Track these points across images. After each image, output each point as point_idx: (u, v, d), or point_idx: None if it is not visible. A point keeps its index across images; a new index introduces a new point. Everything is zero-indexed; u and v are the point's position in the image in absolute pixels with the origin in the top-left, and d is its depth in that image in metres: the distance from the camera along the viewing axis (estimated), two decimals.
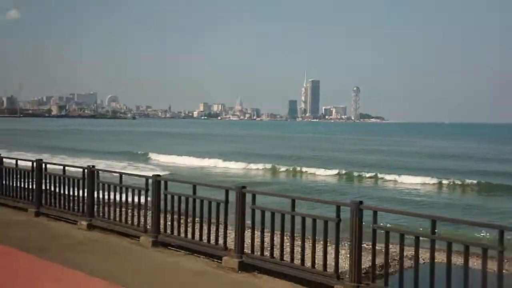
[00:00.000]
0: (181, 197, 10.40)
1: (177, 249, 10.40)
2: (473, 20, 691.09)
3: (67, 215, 12.96)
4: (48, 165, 13.79)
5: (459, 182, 34.54)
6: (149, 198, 11.06)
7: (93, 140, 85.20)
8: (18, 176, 14.33)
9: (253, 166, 45.87)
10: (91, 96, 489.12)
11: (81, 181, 12.50)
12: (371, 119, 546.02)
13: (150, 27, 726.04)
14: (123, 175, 11.99)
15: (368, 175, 39.12)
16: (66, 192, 13.03)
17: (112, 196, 11.82)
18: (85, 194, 12.44)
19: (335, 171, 40.75)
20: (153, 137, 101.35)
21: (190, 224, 10.20)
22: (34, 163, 13.80)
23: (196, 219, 10.18)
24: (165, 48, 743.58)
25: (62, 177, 13.06)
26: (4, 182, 14.82)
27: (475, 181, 34.38)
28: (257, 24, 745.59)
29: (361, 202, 7.74)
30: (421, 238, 7.22)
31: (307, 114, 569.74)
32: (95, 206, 12.37)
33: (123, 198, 11.60)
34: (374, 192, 31.18)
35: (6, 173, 14.78)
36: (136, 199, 11.34)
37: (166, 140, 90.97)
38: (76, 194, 12.76)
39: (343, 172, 40.31)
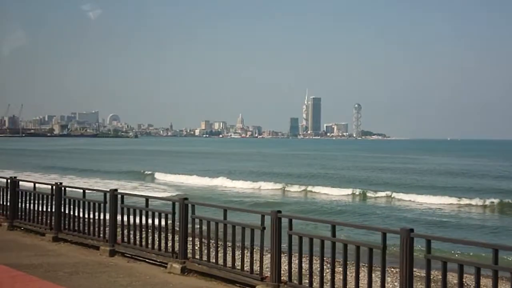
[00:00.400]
0: (210, 222, 9.99)
1: (207, 277, 9.78)
2: (473, 34, 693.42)
3: (88, 241, 12.39)
4: (67, 189, 13.38)
5: (480, 202, 33.54)
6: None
7: (97, 160, 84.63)
8: (36, 199, 13.81)
9: (263, 185, 44.98)
10: (92, 115, 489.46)
11: (102, 205, 12.07)
12: (373, 136, 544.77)
13: (150, 46, 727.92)
14: (140, 197, 11.79)
15: (383, 194, 38.23)
16: (87, 216, 12.51)
17: (132, 220, 11.33)
18: (107, 219, 11.98)
19: (350, 191, 39.81)
20: (157, 156, 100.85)
21: (220, 250, 9.71)
22: (54, 187, 13.27)
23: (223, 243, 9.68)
24: (166, 67, 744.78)
25: (82, 201, 12.53)
26: (21, 205, 14.35)
27: (496, 200, 33.34)
28: (256, 41, 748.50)
29: (411, 230, 7.19)
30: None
31: (309, 132, 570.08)
32: (118, 231, 11.98)
33: (143, 222, 11.17)
34: (396, 213, 30.02)
35: (23, 196, 14.30)
36: (153, 222, 10.98)
37: (170, 159, 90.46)
38: (97, 218, 12.27)
39: (357, 192, 39.27)
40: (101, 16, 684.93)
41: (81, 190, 12.68)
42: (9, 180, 14.68)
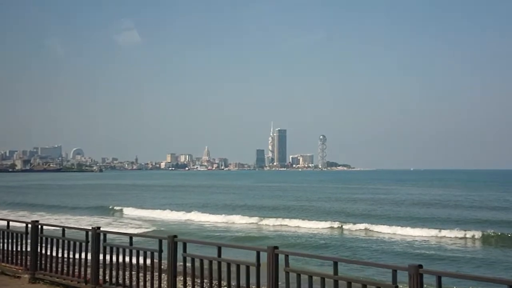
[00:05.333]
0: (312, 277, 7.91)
1: None
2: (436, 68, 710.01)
3: None
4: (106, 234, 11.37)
5: (461, 234, 33.20)
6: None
7: (63, 195, 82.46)
8: (66, 247, 11.76)
9: (239, 218, 43.97)
10: (55, 150, 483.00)
11: (156, 254, 10.02)
12: (338, 167, 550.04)
13: (114, 79, 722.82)
14: (208, 244, 10.17)
15: (363, 227, 37.63)
16: (135, 267, 10.58)
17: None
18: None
19: (330, 224, 39.10)
20: (124, 190, 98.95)
21: None
22: (90, 232, 11.31)
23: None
24: (130, 100, 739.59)
25: (129, 250, 10.46)
26: (45, 253, 12.28)
27: (478, 233, 32.97)
28: (222, 73, 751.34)
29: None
30: None
31: (275, 163, 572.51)
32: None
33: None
34: (382, 246, 29.22)
35: (47, 244, 12.23)
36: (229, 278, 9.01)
37: (138, 193, 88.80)
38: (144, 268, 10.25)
39: (338, 225, 38.57)
40: (65, 51, 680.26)
41: (128, 236, 10.70)
42: (29, 225, 12.68)
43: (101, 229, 11.34)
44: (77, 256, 11.55)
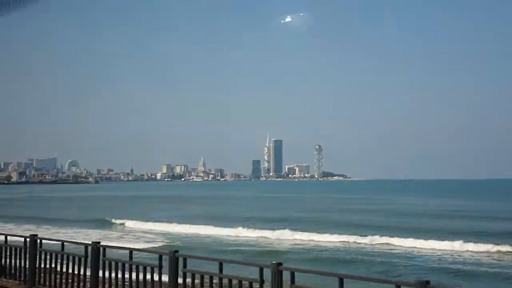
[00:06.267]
0: None
1: None
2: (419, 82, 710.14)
3: None
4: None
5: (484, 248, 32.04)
6: None
7: (62, 208, 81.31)
8: (65, 261, 11.55)
9: (253, 232, 42.68)
10: (50, 161, 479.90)
11: (156, 269, 9.66)
12: (334, 177, 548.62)
13: (108, 89, 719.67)
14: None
15: (382, 240, 36.30)
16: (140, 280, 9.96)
17: None
18: None
19: (347, 237, 37.88)
20: (123, 202, 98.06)
21: None
22: (89, 247, 11.09)
23: None
24: (125, 110, 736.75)
25: (128, 265, 10.19)
26: (44, 267, 12.05)
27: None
28: (217, 83, 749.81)
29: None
30: None
31: (271, 174, 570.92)
32: None
33: None
34: (412, 262, 28.15)
35: (46, 258, 11.95)
36: None
37: (139, 205, 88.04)
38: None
39: (358, 239, 37.25)
40: (57, 57, 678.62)
41: (127, 251, 10.48)
42: (28, 239, 12.54)
43: (101, 243, 11.25)
44: (76, 270, 11.43)
